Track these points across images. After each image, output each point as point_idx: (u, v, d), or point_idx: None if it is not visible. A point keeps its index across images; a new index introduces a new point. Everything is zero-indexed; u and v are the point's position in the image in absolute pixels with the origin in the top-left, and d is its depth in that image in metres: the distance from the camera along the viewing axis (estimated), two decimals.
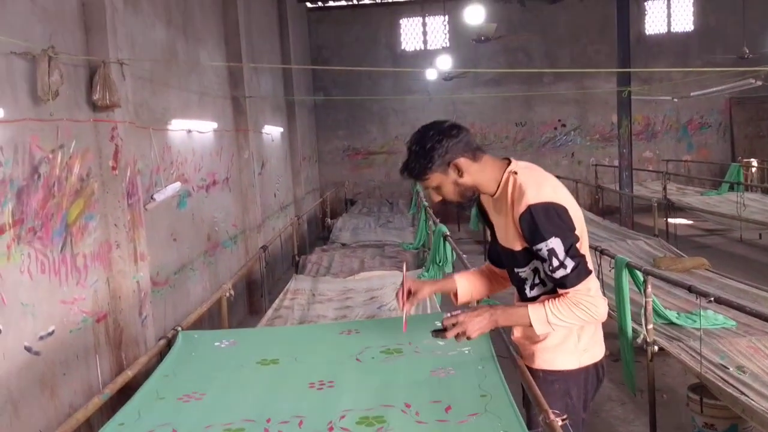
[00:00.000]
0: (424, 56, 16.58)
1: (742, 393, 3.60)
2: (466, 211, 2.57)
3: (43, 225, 3.93)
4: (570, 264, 2.25)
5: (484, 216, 2.68)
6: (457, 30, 16.02)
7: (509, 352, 2.62)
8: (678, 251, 7.74)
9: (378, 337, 2.92)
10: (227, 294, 4.39)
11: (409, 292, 2.64)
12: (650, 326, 4.29)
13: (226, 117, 8.35)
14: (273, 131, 11.14)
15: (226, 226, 7.99)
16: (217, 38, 8.25)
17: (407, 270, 2.80)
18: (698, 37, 16.70)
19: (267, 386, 2.51)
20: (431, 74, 16.26)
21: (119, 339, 4.74)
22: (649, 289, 4.28)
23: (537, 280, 2.43)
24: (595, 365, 2.51)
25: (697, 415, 4.15)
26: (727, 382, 3.77)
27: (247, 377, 2.62)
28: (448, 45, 16.69)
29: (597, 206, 13.12)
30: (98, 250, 4.59)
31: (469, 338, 2.36)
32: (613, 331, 5.85)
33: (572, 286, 2.27)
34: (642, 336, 4.34)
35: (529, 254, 2.38)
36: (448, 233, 5.73)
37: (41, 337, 3.84)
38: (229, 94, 8.50)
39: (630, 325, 4.51)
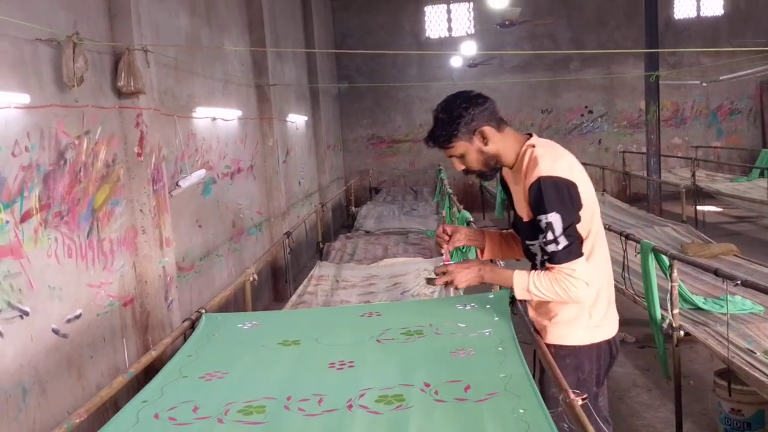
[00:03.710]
0: (449, 43, 16.48)
1: None
2: (488, 180, 2.66)
3: (69, 210, 3.98)
4: (563, 242, 2.31)
5: (505, 188, 2.73)
6: (481, 17, 15.86)
7: (531, 336, 2.62)
8: (706, 237, 7.63)
9: (399, 320, 2.91)
10: (251, 278, 4.41)
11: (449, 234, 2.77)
12: (676, 311, 4.24)
13: (251, 105, 8.38)
14: (297, 119, 11.16)
15: (250, 213, 8.04)
16: (241, 27, 8.27)
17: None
18: (728, 21, 16.35)
19: (288, 366, 2.52)
20: (456, 61, 16.20)
21: (146, 323, 4.80)
22: (675, 274, 4.23)
23: (546, 256, 2.43)
24: (608, 342, 2.55)
25: (723, 401, 4.10)
26: (755, 366, 3.71)
27: (269, 357, 2.64)
28: (472, 32, 16.55)
29: (624, 193, 12.94)
30: (124, 235, 4.65)
31: (456, 288, 2.53)
32: (638, 317, 5.84)
33: (559, 263, 2.34)
34: (668, 321, 4.29)
35: (537, 227, 2.42)
36: (471, 219, 5.72)
37: (68, 320, 3.90)
38: (253, 82, 8.53)
39: (659, 310, 4.46)
